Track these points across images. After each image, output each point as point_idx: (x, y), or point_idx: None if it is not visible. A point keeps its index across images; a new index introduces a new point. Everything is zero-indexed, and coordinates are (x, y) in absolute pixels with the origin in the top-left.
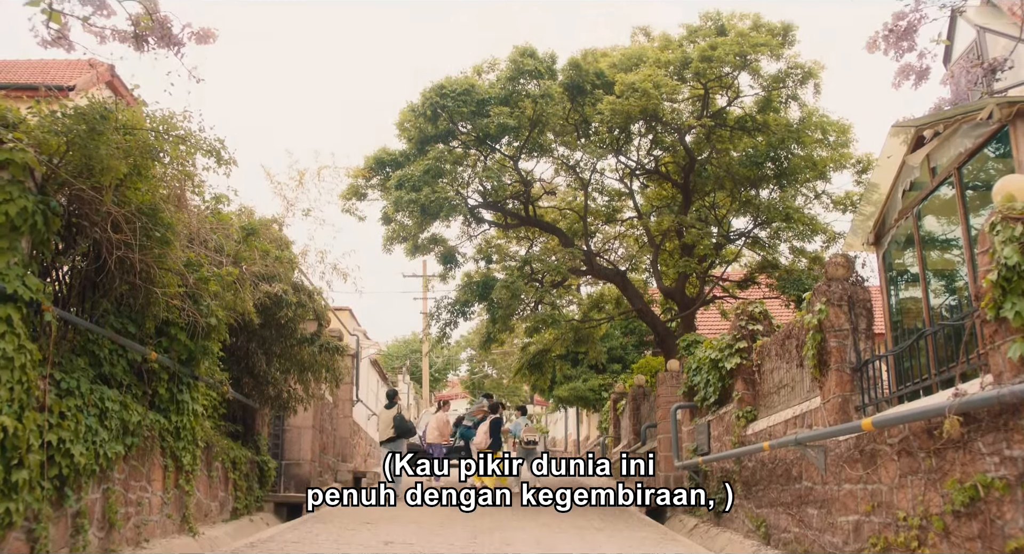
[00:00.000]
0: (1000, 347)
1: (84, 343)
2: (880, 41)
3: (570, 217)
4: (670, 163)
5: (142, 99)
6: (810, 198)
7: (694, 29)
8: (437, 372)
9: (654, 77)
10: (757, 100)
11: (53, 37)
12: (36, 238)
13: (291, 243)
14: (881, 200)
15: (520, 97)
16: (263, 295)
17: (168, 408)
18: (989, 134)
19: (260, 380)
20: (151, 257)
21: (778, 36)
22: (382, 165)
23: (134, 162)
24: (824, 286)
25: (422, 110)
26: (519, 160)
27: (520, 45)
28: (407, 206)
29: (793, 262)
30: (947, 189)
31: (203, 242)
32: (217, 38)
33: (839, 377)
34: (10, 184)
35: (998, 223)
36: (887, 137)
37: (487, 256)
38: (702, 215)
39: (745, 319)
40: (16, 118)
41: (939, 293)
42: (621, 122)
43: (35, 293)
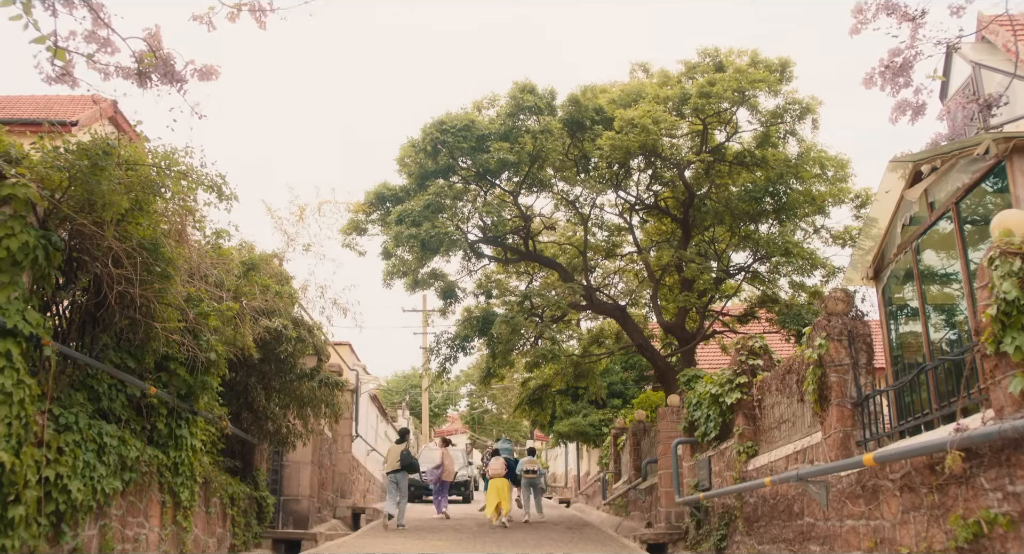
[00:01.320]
0: (1001, 382)
1: (83, 378)
2: (876, 77)
3: (570, 252)
4: (669, 198)
5: (144, 135)
6: (809, 233)
7: (692, 65)
8: (437, 407)
9: (653, 113)
10: (756, 135)
11: (58, 74)
12: (37, 273)
13: (291, 278)
14: (880, 235)
15: (520, 133)
16: (263, 330)
17: (166, 443)
18: (986, 169)
19: (259, 415)
20: (151, 292)
21: (776, 72)
22: (382, 200)
23: (136, 197)
24: (824, 321)
25: (423, 145)
26: (519, 195)
27: (520, 81)
28: (407, 241)
29: (793, 297)
30: (945, 223)
31: (203, 277)
32: (220, 75)
33: (840, 412)
34: (12, 219)
35: (996, 258)
36: (885, 172)
37: (487, 291)
38: (702, 250)
39: (745, 354)
40: (19, 153)
41: (939, 327)
42: (620, 157)
43: (35, 328)
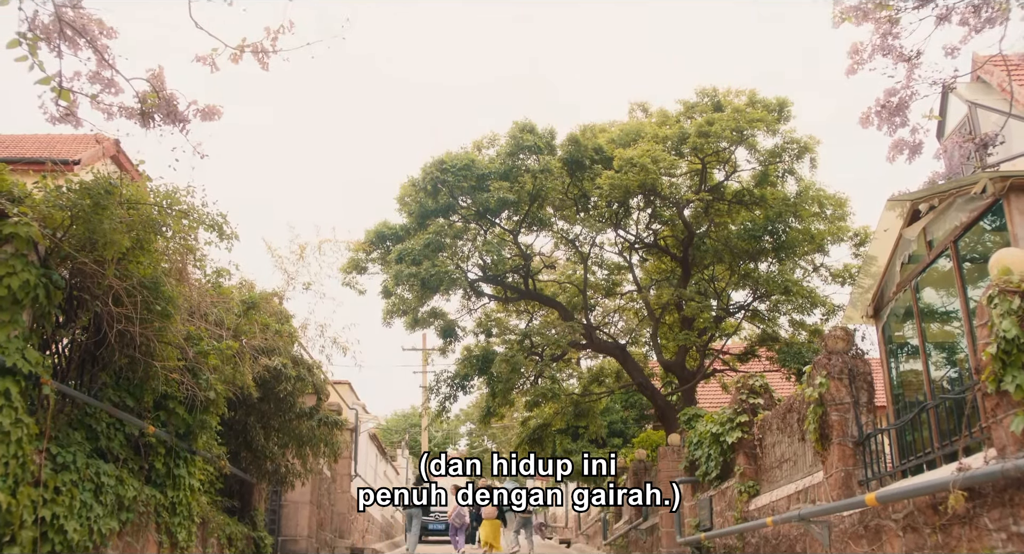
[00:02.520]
0: (1002, 420)
1: (82, 417)
2: (873, 116)
3: (570, 291)
4: (669, 237)
5: (146, 174)
6: (808, 271)
7: (691, 105)
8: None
9: (652, 152)
10: (754, 174)
11: (61, 114)
12: (38, 311)
13: (291, 316)
14: (879, 273)
15: (520, 172)
16: (262, 369)
17: (164, 483)
18: (984, 207)
19: (258, 454)
20: (151, 330)
21: (773, 112)
22: (383, 239)
23: (137, 236)
24: (824, 359)
25: (423, 184)
26: (519, 234)
27: (520, 121)
28: (407, 280)
29: (793, 335)
30: (944, 261)
31: (203, 315)
32: (222, 115)
33: (841, 451)
34: (14, 257)
35: (995, 296)
36: (883, 211)
37: (487, 330)
38: (701, 288)
39: (746, 393)
40: (22, 192)
41: (940, 365)
42: (620, 196)
43: (34, 366)
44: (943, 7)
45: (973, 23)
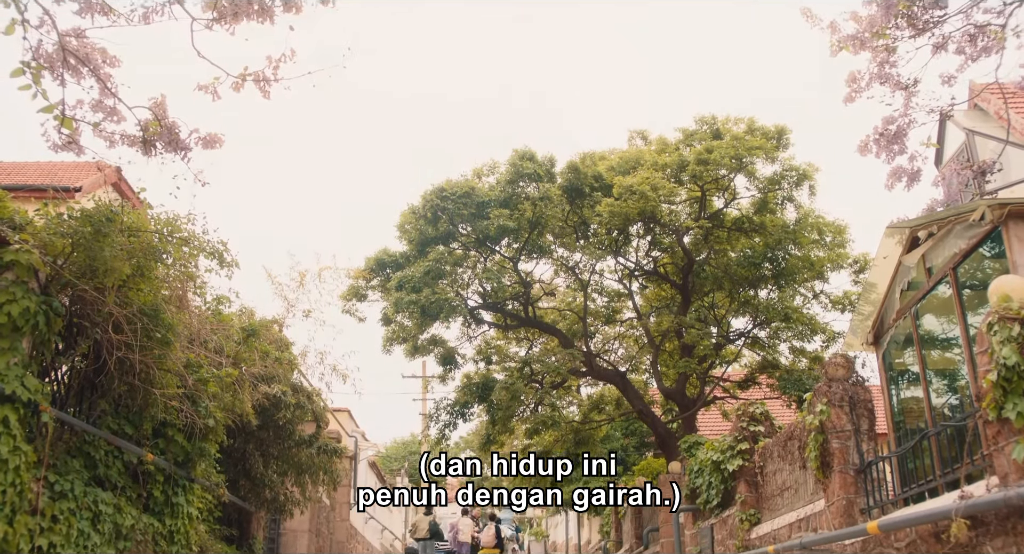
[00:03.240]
0: (1004, 448)
1: (80, 444)
2: (871, 144)
3: (570, 318)
4: (668, 264)
5: (147, 201)
6: (808, 298)
7: (690, 133)
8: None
9: (652, 180)
10: (754, 201)
11: (64, 142)
12: (37, 338)
13: (291, 344)
14: (879, 300)
15: (520, 199)
16: (262, 396)
17: (163, 511)
18: (982, 235)
19: (257, 482)
20: (151, 358)
21: (772, 139)
22: (383, 266)
23: (137, 263)
24: (825, 387)
25: (423, 212)
26: (519, 261)
27: (520, 149)
28: (407, 307)
29: (793, 362)
30: (944, 288)
31: (203, 343)
32: (223, 143)
33: (843, 479)
34: (14, 285)
35: (995, 323)
36: (882, 238)
37: (487, 357)
38: (701, 315)
39: (746, 420)
40: (23, 220)
41: (941, 392)
42: (619, 224)
43: (33, 394)
44: (939, 36)
45: (969, 52)
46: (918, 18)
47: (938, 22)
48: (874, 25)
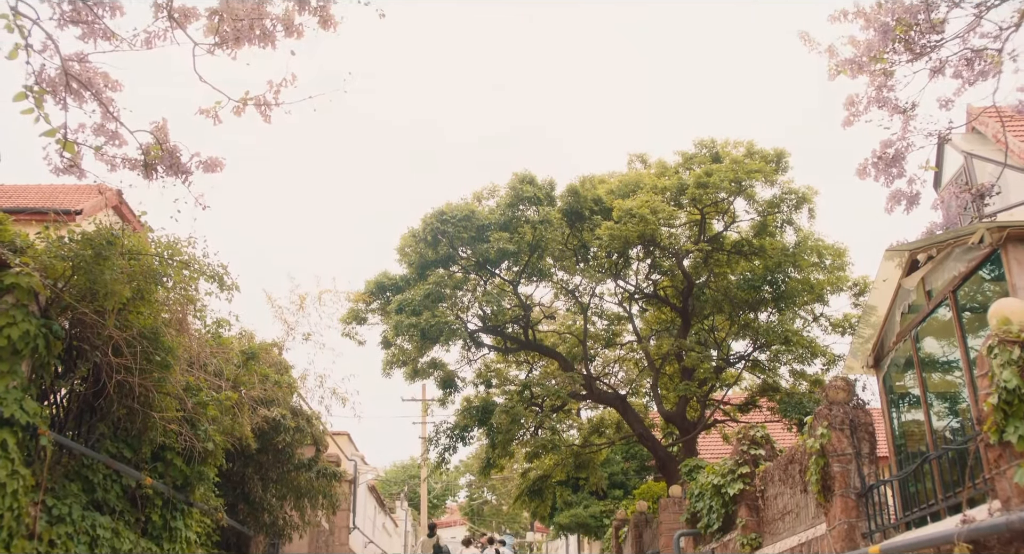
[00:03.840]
0: (1006, 472)
1: (78, 468)
2: (870, 168)
3: (570, 341)
4: (668, 287)
5: (148, 225)
6: (808, 321)
7: (689, 156)
8: (436, 498)
9: (651, 203)
10: (753, 224)
11: (66, 165)
12: (37, 361)
13: (291, 367)
14: (879, 323)
15: (520, 223)
16: (261, 420)
17: (161, 535)
18: (982, 257)
19: (255, 506)
20: (150, 381)
21: (771, 163)
22: (383, 289)
23: (138, 286)
24: (825, 410)
25: (423, 235)
26: (519, 284)
27: (519, 172)
28: (407, 330)
29: (794, 385)
30: (944, 311)
31: (203, 366)
32: (224, 167)
33: (844, 503)
34: (14, 308)
35: (995, 346)
36: (882, 261)
37: (487, 380)
38: (701, 338)
39: (747, 444)
40: (24, 243)
41: (942, 415)
42: (619, 247)
43: (32, 417)
44: (936, 60)
45: (966, 76)
46: (915, 42)
47: (935, 46)
48: (872, 49)
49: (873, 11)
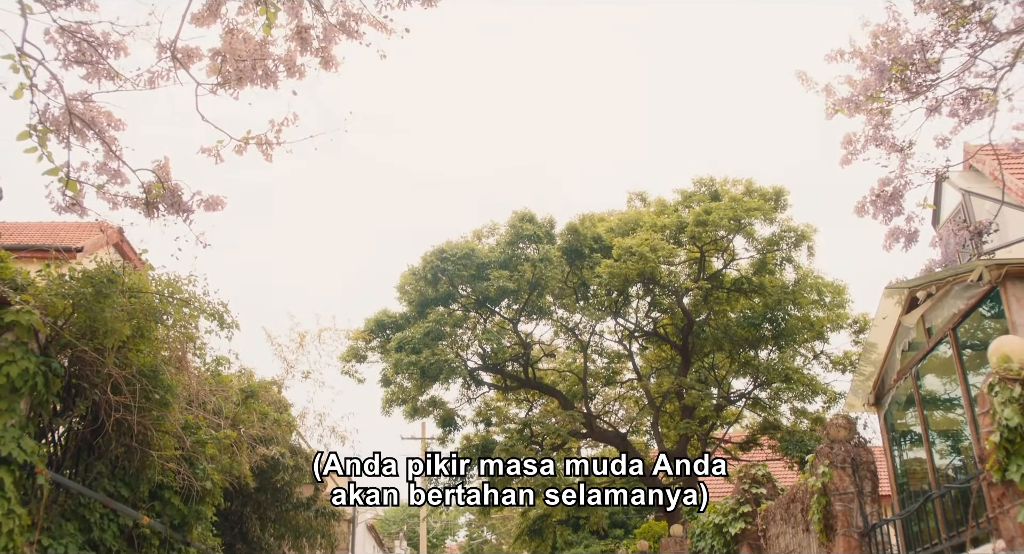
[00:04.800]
0: (1009, 511)
1: (75, 507)
2: (868, 205)
3: (570, 379)
4: (668, 325)
5: (149, 262)
6: (809, 358)
7: (688, 194)
8: (435, 537)
9: (651, 241)
10: (752, 262)
11: (67, 203)
12: (35, 399)
13: (290, 405)
14: (879, 360)
15: (519, 261)
16: (260, 458)
17: None
18: (981, 295)
19: (253, 546)
20: (149, 419)
21: (770, 200)
22: (382, 327)
23: (137, 324)
24: (827, 448)
25: (423, 273)
26: (519, 322)
27: (519, 210)
28: (407, 368)
29: (795, 423)
30: (944, 348)
31: (202, 404)
32: (226, 205)
33: (847, 542)
34: (14, 345)
35: (996, 384)
36: (881, 298)
37: (486, 419)
38: (702, 376)
39: (748, 482)
40: (25, 281)
41: (944, 453)
42: (619, 285)
43: (29, 456)
44: (933, 99)
45: (962, 114)
46: (911, 82)
47: (931, 85)
48: (868, 88)
49: (869, 51)
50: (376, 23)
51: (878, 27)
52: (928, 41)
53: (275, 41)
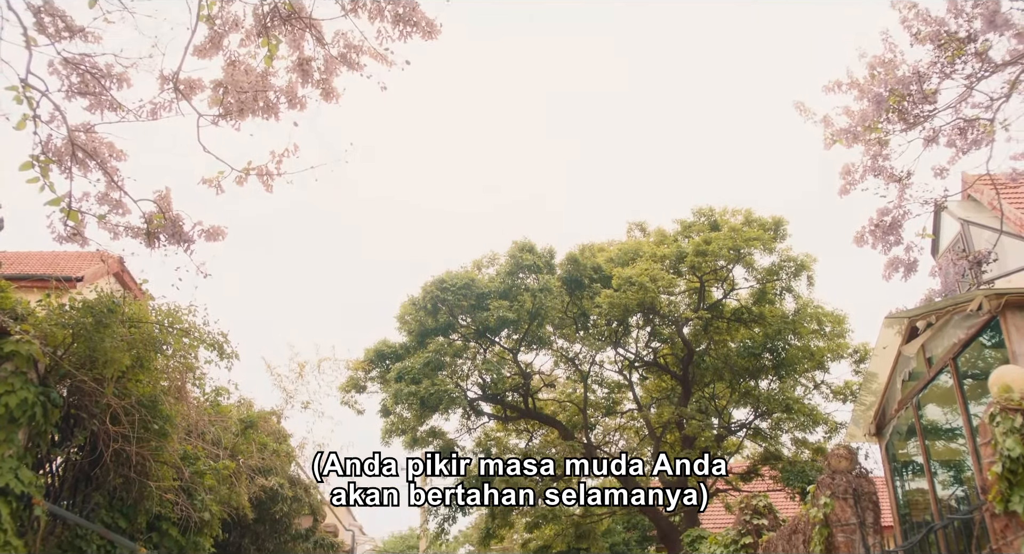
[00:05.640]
0: (1012, 542)
1: (72, 538)
2: (867, 235)
3: (570, 409)
4: (668, 355)
5: (149, 292)
6: (809, 388)
7: (688, 224)
8: None
9: (651, 271)
10: (752, 292)
11: (69, 233)
12: (34, 430)
13: (289, 436)
14: (880, 390)
15: (519, 291)
16: (258, 489)
17: None
18: (981, 324)
19: None
20: (148, 450)
21: (769, 230)
22: (382, 357)
23: (137, 354)
24: (828, 479)
25: (423, 303)
26: (519, 352)
27: (519, 241)
28: (407, 398)
29: (796, 453)
30: (945, 378)
31: (201, 434)
32: (226, 236)
33: None
34: (13, 376)
35: (997, 414)
36: (881, 328)
37: (486, 449)
38: (702, 406)
39: (749, 513)
40: (25, 310)
41: (947, 484)
42: (619, 315)
43: (27, 487)
44: (930, 130)
45: (960, 145)
46: (909, 112)
47: (928, 116)
48: (866, 119)
49: (866, 82)
50: (377, 55)
51: (875, 58)
52: (925, 72)
53: (276, 72)
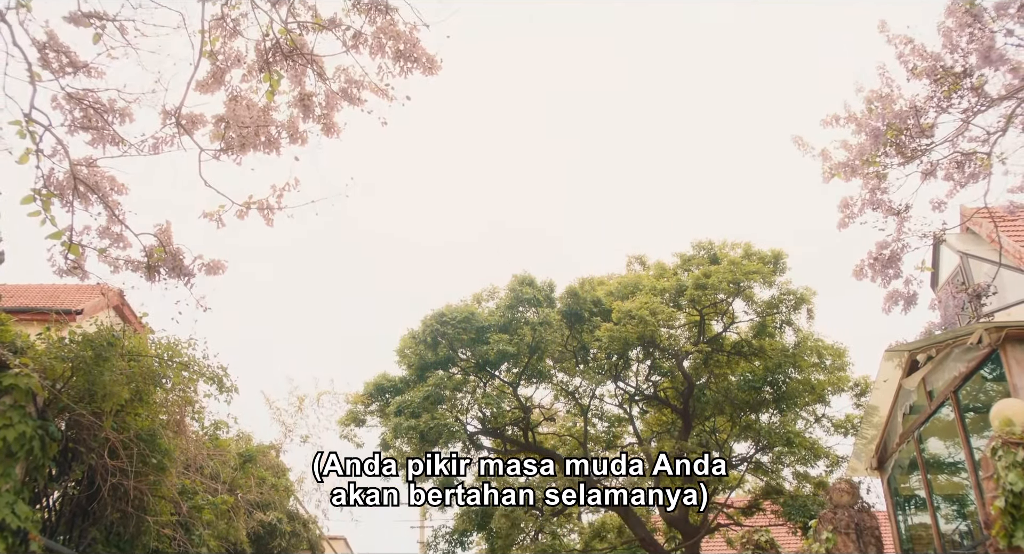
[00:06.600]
0: None
1: None
2: (866, 268)
3: (570, 443)
4: (669, 388)
5: (149, 326)
6: (810, 422)
7: (687, 258)
8: None
9: (650, 304)
10: (752, 325)
11: (69, 266)
12: (31, 464)
13: (288, 470)
14: (881, 423)
15: (519, 324)
16: (257, 523)
17: None
18: (981, 357)
19: None
20: (146, 484)
21: (769, 264)
22: (382, 391)
23: (136, 388)
24: (830, 513)
25: (423, 337)
26: (518, 386)
27: (519, 274)
28: (406, 432)
29: (797, 488)
30: (946, 411)
31: (199, 469)
32: (227, 269)
33: None
34: (11, 409)
35: (999, 448)
36: (882, 361)
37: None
38: (703, 440)
39: (751, 548)
40: (25, 343)
41: (950, 518)
42: (619, 348)
43: (23, 522)
44: (928, 163)
45: (957, 178)
46: (906, 146)
47: (926, 150)
48: (864, 153)
49: (864, 116)
50: (377, 90)
51: (872, 93)
52: (922, 106)
53: (278, 107)
